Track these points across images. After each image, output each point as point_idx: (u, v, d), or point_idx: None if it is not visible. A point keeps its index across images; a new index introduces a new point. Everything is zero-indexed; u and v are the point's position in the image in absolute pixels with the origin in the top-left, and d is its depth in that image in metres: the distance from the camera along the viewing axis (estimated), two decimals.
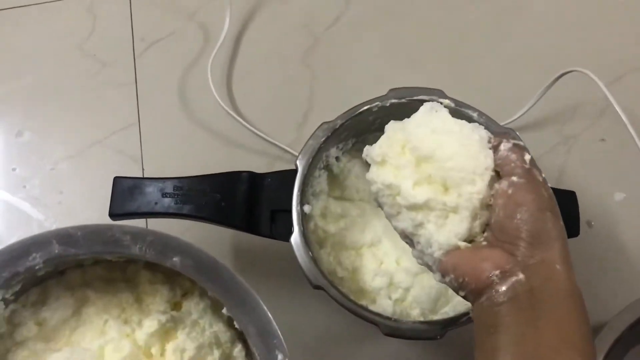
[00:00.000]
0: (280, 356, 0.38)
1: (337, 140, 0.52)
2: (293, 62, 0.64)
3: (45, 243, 0.39)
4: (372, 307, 0.47)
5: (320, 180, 0.52)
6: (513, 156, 0.39)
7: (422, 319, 0.50)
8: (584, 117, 0.63)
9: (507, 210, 0.38)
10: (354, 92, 0.61)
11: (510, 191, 0.38)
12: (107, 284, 0.44)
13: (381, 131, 0.51)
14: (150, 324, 0.42)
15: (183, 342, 0.42)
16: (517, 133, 0.51)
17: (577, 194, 0.52)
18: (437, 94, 0.51)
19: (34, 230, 0.60)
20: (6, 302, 0.41)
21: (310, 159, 0.49)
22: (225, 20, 0.62)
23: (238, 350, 0.44)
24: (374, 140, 0.45)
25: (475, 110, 0.51)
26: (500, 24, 0.67)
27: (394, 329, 0.46)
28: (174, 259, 0.39)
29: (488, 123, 0.51)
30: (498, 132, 0.41)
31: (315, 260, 0.45)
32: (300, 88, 0.63)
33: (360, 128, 0.53)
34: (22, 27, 0.65)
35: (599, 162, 0.62)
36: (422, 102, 0.50)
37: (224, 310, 0.42)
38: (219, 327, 0.44)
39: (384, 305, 0.48)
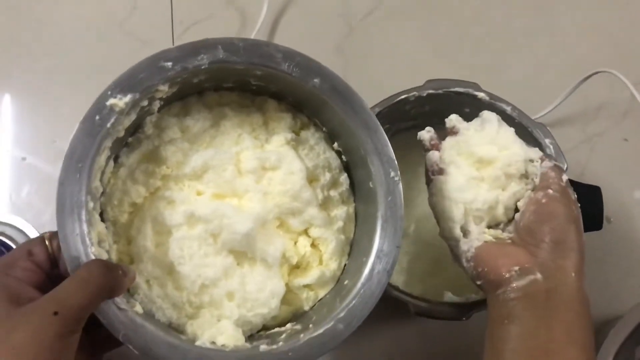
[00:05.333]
0: (392, 173, 0.44)
1: None
2: (327, 50, 0.66)
3: (213, 47, 0.42)
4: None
5: None
6: (552, 173, 0.43)
7: None
8: (608, 117, 0.65)
9: (537, 216, 0.42)
10: (386, 82, 0.62)
11: (544, 200, 0.42)
12: (240, 107, 0.48)
13: (415, 120, 0.53)
14: (278, 139, 0.47)
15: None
16: (548, 128, 0.53)
17: (600, 190, 0.54)
18: (472, 87, 0.53)
19: None
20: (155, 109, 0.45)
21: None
22: (263, 6, 0.64)
23: (344, 178, 0.49)
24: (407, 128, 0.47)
25: (509, 104, 0.53)
26: (534, 21, 0.68)
27: (423, 309, 0.48)
28: (315, 80, 0.44)
29: (520, 117, 0.53)
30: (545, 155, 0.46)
31: None
32: None
33: (395, 116, 0.55)
34: (64, 3, 0.67)
35: (620, 161, 0.64)
36: (458, 94, 0.52)
37: (335, 145, 0.49)
38: (331, 155, 0.49)
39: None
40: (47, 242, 0.40)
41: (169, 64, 0.42)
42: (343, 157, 0.49)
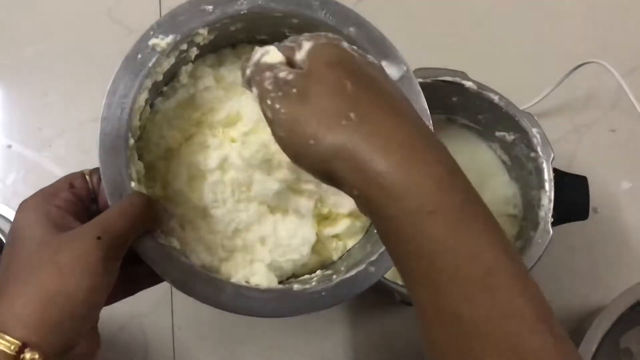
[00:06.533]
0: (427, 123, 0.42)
1: None
2: None
3: None
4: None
5: None
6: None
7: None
8: (597, 108, 0.65)
9: None
10: None
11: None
12: None
13: None
14: None
15: None
16: (535, 118, 0.53)
17: (587, 179, 0.55)
18: (460, 75, 0.53)
19: None
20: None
21: None
22: None
23: None
24: None
25: (496, 93, 0.53)
26: (523, 11, 0.68)
27: (408, 297, 0.48)
28: (350, 28, 0.44)
29: (508, 106, 0.53)
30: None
31: None
32: None
33: None
34: None
35: (608, 152, 0.64)
36: (445, 82, 0.52)
37: None
38: None
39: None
40: (87, 177, 0.41)
41: (210, 7, 0.42)
42: None
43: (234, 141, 0.46)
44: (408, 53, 0.68)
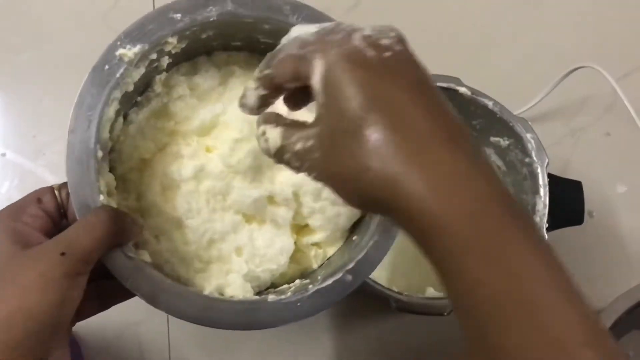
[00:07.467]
0: None
1: None
2: None
3: (222, 0, 0.42)
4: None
5: None
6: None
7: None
8: (591, 112, 0.65)
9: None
10: None
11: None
12: (248, 65, 0.48)
13: None
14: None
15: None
16: (530, 123, 0.53)
17: (581, 184, 0.55)
18: (454, 81, 0.53)
19: None
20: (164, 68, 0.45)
21: None
22: None
23: None
24: None
25: (490, 99, 0.53)
26: (517, 16, 0.68)
27: (404, 304, 0.48)
28: None
29: (502, 111, 0.53)
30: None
31: None
32: None
33: None
34: None
35: (602, 156, 0.64)
36: (439, 88, 0.52)
37: None
38: None
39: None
40: (56, 192, 0.40)
41: (178, 15, 0.42)
42: None
43: (209, 150, 0.45)
44: None
